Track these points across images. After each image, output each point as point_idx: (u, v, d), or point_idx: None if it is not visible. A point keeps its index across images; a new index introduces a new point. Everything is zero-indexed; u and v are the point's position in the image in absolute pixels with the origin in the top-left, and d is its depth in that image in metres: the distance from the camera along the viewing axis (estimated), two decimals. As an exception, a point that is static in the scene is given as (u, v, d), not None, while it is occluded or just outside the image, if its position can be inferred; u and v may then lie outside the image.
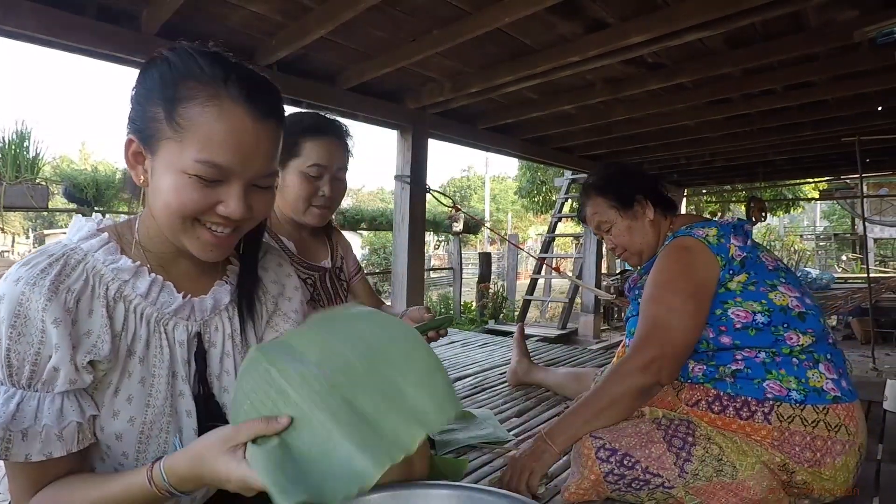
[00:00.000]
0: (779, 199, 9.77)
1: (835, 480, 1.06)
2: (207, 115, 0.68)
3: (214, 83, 0.69)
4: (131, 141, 0.72)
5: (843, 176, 6.82)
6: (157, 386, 0.74)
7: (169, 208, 0.70)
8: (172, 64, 0.70)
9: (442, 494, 0.87)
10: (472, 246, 16.64)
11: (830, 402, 1.07)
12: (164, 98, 0.69)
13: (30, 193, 3.02)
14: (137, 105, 0.72)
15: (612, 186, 1.40)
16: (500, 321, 7.41)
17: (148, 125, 0.70)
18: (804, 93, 3.18)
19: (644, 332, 1.15)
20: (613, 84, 3.11)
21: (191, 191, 0.69)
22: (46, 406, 0.65)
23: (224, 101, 0.69)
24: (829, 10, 2.22)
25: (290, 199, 1.30)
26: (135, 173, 0.73)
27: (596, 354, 2.76)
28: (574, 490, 1.12)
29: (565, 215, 7.34)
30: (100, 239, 0.74)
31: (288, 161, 1.27)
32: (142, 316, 0.74)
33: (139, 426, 0.73)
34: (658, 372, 1.10)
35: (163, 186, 0.70)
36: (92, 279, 0.70)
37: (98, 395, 0.71)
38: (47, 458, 0.65)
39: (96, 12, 2.05)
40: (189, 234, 0.73)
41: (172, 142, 0.68)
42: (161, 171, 0.70)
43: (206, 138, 0.68)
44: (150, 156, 0.71)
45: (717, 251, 1.17)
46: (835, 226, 18.82)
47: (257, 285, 0.88)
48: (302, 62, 2.67)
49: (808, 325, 1.13)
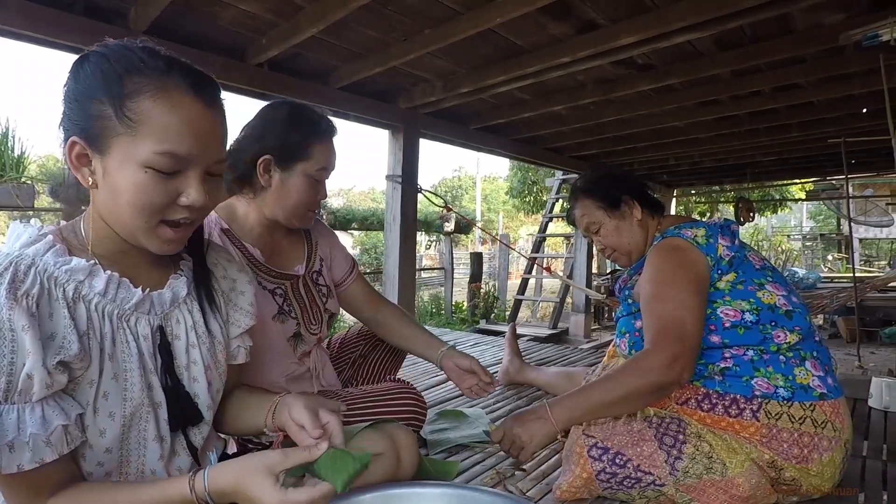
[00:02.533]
0: (766, 199, 9.88)
1: (822, 476, 1.07)
2: (160, 106, 0.68)
3: (159, 75, 0.69)
4: (74, 143, 0.70)
5: (829, 177, 6.91)
6: (131, 380, 0.75)
7: (134, 207, 0.69)
8: (111, 59, 0.69)
9: (434, 493, 0.87)
10: (464, 246, 16.66)
11: (817, 399, 1.09)
12: (109, 94, 0.67)
13: (15, 193, 2.97)
14: (75, 104, 0.70)
15: (600, 188, 1.42)
16: (491, 321, 7.42)
17: (94, 124, 0.68)
18: (791, 94, 3.23)
19: (658, 330, 1.13)
20: (604, 85, 3.13)
21: (152, 185, 0.69)
22: (28, 416, 0.64)
23: (173, 91, 0.69)
24: (817, 14, 2.25)
25: (291, 203, 1.22)
26: (81, 176, 0.71)
27: (586, 354, 2.78)
28: (566, 488, 1.13)
29: (556, 215, 7.37)
30: (45, 242, 0.71)
31: (294, 164, 1.20)
32: (103, 313, 0.73)
33: (119, 420, 0.73)
34: (681, 371, 1.09)
35: (121, 185, 0.68)
36: (46, 282, 0.68)
37: (79, 394, 0.71)
38: (40, 464, 0.65)
39: (84, 10, 2.02)
40: (150, 233, 0.73)
41: (125, 137, 0.67)
42: (116, 169, 0.68)
43: (163, 130, 0.68)
44: (99, 155, 0.69)
45: (706, 251, 1.19)
46: (821, 226, 19.06)
47: (211, 277, 0.89)
48: (293, 61, 2.65)
49: (794, 323, 1.15)
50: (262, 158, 1.19)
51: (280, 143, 1.19)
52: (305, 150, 1.20)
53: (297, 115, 1.23)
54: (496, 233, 17.06)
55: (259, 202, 1.24)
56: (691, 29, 2.22)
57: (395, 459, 1.01)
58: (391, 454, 1.00)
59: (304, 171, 1.21)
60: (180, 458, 0.82)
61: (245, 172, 1.22)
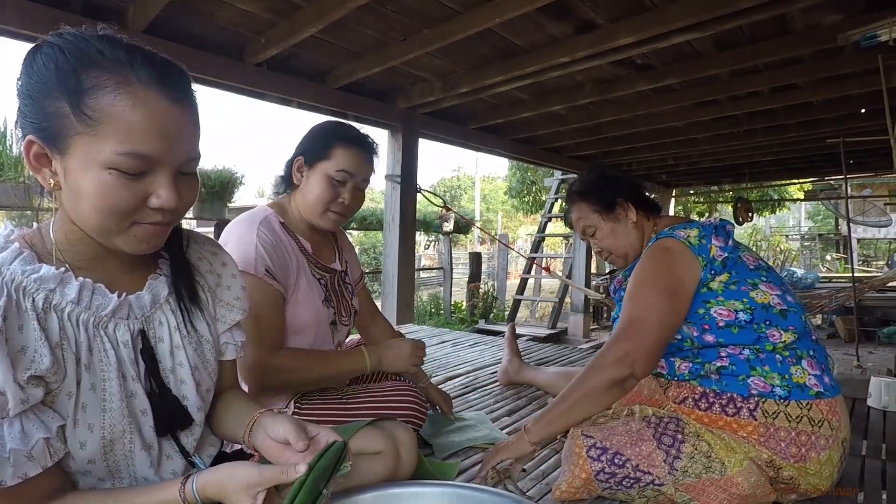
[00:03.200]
0: (765, 199, 9.90)
1: (820, 475, 1.07)
2: (121, 103, 0.62)
3: (120, 68, 0.63)
4: (31, 142, 0.65)
5: (827, 177, 6.92)
6: (110, 390, 0.71)
7: (99, 211, 0.65)
8: (66, 51, 0.63)
9: (434, 493, 0.87)
10: (462, 246, 16.66)
11: (813, 397, 1.09)
12: (65, 90, 0.62)
13: (13, 192, 2.97)
14: (30, 100, 0.64)
15: (594, 191, 1.42)
16: (490, 321, 7.42)
17: (50, 122, 0.63)
18: (790, 95, 3.23)
19: (620, 327, 1.17)
20: (603, 85, 3.13)
21: (117, 188, 0.64)
22: (6, 431, 0.62)
23: (135, 86, 0.63)
24: (815, 14, 2.25)
25: (310, 201, 1.33)
26: (41, 177, 0.67)
27: (586, 353, 2.78)
28: (565, 489, 1.13)
29: (555, 215, 7.38)
30: (11, 250, 0.67)
31: (316, 163, 1.33)
32: (78, 322, 0.69)
33: (99, 432, 0.70)
34: (631, 365, 1.12)
35: (84, 188, 0.64)
36: (14, 293, 0.64)
37: (58, 405, 0.68)
38: (23, 479, 0.62)
39: (81, 9, 2.02)
40: (124, 235, 0.68)
41: (85, 136, 0.62)
42: (77, 170, 0.64)
43: (126, 129, 0.62)
44: (59, 155, 0.64)
45: (699, 252, 1.19)
46: (819, 226, 19.10)
47: (192, 274, 0.84)
48: (292, 61, 2.65)
49: (789, 322, 1.15)
50: (297, 160, 1.35)
51: (309, 146, 1.35)
52: (327, 151, 1.32)
53: (331, 123, 1.39)
54: (495, 233, 17.06)
55: (300, 200, 1.37)
56: (690, 29, 2.22)
57: (395, 457, 1.01)
58: (391, 452, 1.00)
59: (324, 170, 1.32)
60: (173, 462, 0.80)
61: (288, 174, 1.38)
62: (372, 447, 0.99)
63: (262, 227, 1.29)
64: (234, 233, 1.29)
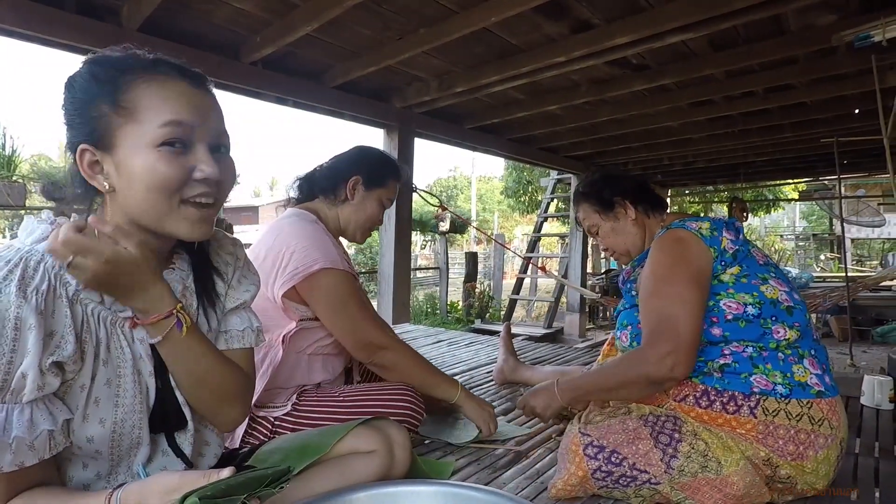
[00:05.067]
0: (760, 199, 9.95)
1: (817, 474, 1.08)
2: (153, 88, 0.71)
3: (146, 68, 0.72)
4: (84, 150, 0.72)
5: (821, 177, 6.96)
6: (125, 385, 0.75)
7: (152, 188, 0.71)
8: (101, 63, 0.72)
9: (430, 492, 0.87)
10: (459, 246, 16.66)
11: (814, 396, 1.10)
12: (104, 94, 0.71)
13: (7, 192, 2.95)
14: (75, 115, 0.72)
15: (594, 191, 1.44)
16: (486, 320, 7.43)
17: (96, 125, 0.71)
18: (784, 95, 3.25)
19: (653, 326, 1.15)
20: (598, 85, 3.14)
21: (165, 162, 0.70)
22: (15, 417, 0.64)
23: (162, 77, 0.73)
24: (809, 15, 2.27)
25: (361, 218, 1.52)
26: (97, 183, 0.73)
27: (581, 353, 2.79)
28: (561, 486, 1.13)
29: (551, 215, 7.38)
30: None
31: (375, 188, 1.52)
32: (99, 318, 0.73)
33: (110, 426, 0.73)
34: (672, 367, 1.10)
35: (136, 170, 0.70)
36: (53, 279, 0.69)
37: (69, 398, 0.71)
38: (19, 467, 0.64)
39: (76, 7, 2.01)
40: (175, 216, 0.74)
41: (127, 126, 0.70)
42: (127, 157, 0.70)
43: (161, 103, 0.71)
44: (109, 153, 0.71)
45: (710, 243, 1.19)
46: (813, 226, 19.21)
47: (211, 272, 0.88)
48: (287, 60, 2.65)
49: (795, 320, 1.15)
50: (353, 178, 1.50)
51: (370, 171, 1.52)
52: (385, 181, 1.54)
53: (387, 157, 1.63)
54: (491, 232, 17.07)
55: (338, 210, 1.51)
56: (685, 29, 2.23)
57: (389, 456, 1.01)
58: (385, 451, 1.00)
59: (379, 196, 1.53)
60: (168, 459, 0.81)
61: (334, 185, 1.51)
62: (366, 446, 0.99)
63: (320, 227, 1.44)
64: (301, 233, 1.37)
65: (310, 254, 1.32)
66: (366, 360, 1.42)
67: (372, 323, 1.41)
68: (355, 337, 1.38)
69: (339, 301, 1.35)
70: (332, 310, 1.36)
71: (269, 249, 1.36)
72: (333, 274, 1.34)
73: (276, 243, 1.36)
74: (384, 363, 1.42)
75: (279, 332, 1.35)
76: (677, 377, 1.13)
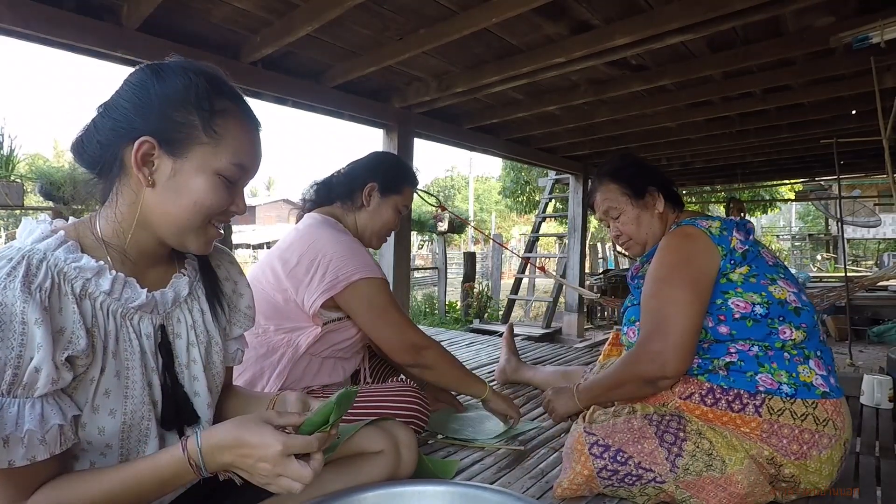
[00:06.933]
0: (756, 199, 9.98)
1: (820, 473, 1.08)
2: (239, 127, 0.79)
3: (234, 101, 0.79)
4: (146, 142, 0.73)
5: (818, 178, 6.98)
6: (133, 378, 0.76)
7: (199, 206, 0.77)
8: (202, 76, 0.76)
9: (437, 491, 0.87)
10: (456, 246, 16.67)
11: (819, 397, 1.10)
12: (199, 108, 0.75)
13: (4, 191, 2.94)
14: (154, 108, 0.74)
15: (627, 174, 1.41)
16: (484, 320, 7.43)
17: (178, 130, 0.74)
18: (782, 96, 3.26)
19: (648, 326, 1.19)
20: (597, 85, 3.14)
21: (222, 190, 0.78)
22: (27, 412, 0.64)
23: (244, 117, 0.80)
24: (807, 16, 2.27)
25: (377, 224, 1.54)
26: (141, 174, 0.75)
27: (581, 353, 2.79)
28: (567, 486, 1.13)
29: (549, 215, 7.39)
30: (57, 238, 0.73)
31: (391, 195, 1.54)
32: (108, 311, 0.75)
33: (121, 417, 0.75)
34: (663, 366, 1.14)
35: (194, 186, 0.76)
36: (57, 277, 0.70)
37: (79, 392, 0.72)
38: (31, 462, 0.65)
39: (75, 6, 2.00)
40: (198, 233, 0.80)
41: (207, 147, 0.76)
42: (191, 172, 0.76)
43: (238, 145, 0.78)
44: (174, 158, 0.75)
45: (719, 242, 1.20)
46: (809, 226, 19.28)
47: (217, 279, 0.93)
48: (287, 59, 2.64)
49: (802, 321, 1.16)
50: (369, 184, 1.52)
51: (385, 178, 1.54)
52: (401, 188, 1.56)
53: (402, 163, 1.63)
54: (489, 233, 17.08)
55: (354, 216, 1.54)
56: (684, 30, 2.24)
57: (396, 457, 1.01)
58: (391, 452, 1.00)
59: (395, 202, 1.55)
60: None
61: (351, 191, 1.53)
62: (373, 447, 1.00)
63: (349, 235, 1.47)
64: (336, 242, 1.39)
65: (348, 263, 1.35)
66: (410, 361, 1.43)
67: (412, 325, 1.44)
68: (402, 340, 1.40)
69: (381, 308, 1.38)
70: (377, 316, 1.38)
71: (303, 255, 1.37)
72: (373, 283, 1.37)
73: (310, 250, 1.37)
74: (427, 362, 1.43)
75: (298, 333, 1.37)
76: (669, 376, 1.15)
